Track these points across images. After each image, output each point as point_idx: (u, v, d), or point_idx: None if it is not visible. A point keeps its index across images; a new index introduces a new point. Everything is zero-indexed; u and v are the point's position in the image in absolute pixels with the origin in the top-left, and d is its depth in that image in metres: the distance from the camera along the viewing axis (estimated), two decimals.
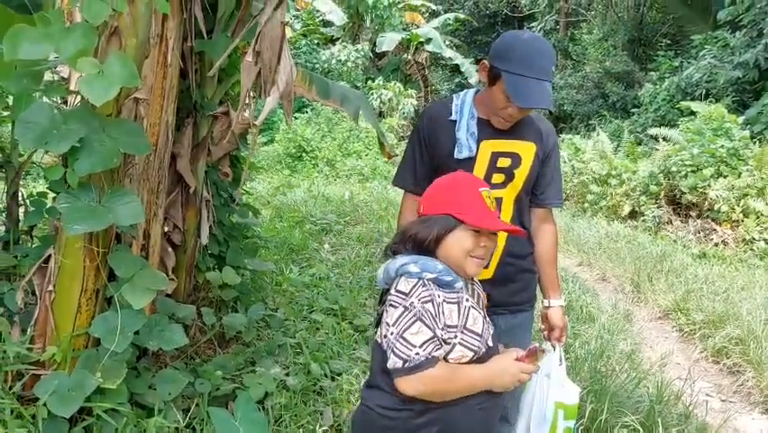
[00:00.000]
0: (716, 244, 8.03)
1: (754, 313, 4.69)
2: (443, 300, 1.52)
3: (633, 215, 9.87)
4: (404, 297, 1.51)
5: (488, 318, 1.68)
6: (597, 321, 4.77)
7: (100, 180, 2.30)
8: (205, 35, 2.94)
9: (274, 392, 3.05)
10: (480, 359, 1.57)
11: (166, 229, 3.30)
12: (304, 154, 13.91)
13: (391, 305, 1.53)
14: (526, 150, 2.11)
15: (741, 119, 9.89)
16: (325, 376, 3.37)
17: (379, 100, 18.41)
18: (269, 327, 3.86)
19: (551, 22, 23.38)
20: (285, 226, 6.82)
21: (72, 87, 2.77)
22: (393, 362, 1.48)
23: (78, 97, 2.42)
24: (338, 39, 20.57)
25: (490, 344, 1.62)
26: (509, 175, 2.10)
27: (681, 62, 15.12)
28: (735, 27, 13.15)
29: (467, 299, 1.58)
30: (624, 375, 3.70)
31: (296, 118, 15.59)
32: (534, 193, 2.20)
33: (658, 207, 9.28)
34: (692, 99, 12.48)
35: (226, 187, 3.75)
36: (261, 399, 2.99)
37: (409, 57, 21.18)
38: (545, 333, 2.26)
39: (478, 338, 1.56)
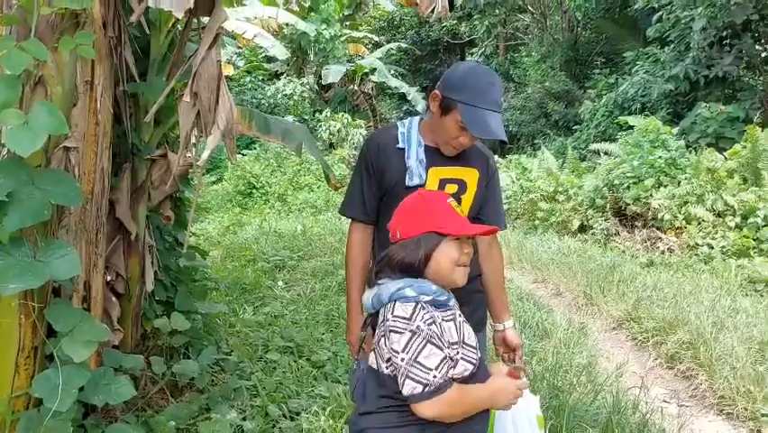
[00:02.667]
0: (662, 252, 8.26)
1: (702, 317, 4.82)
2: (443, 320, 1.57)
3: (582, 228, 10.08)
4: (407, 321, 1.53)
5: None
6: (553, 337, 4.82)
7: (33, 234, 2.23)
8: (137, 78, 2.91)
9: None
10: (477, 370, 1.62)
11: (108, 278, 3.21)
12: (254, 191, 13.80)
13: (394, 331, 1.54)
14: (471, 175, 2.15)
15: (676, 130, 10.30)
16: (284, 417, 3.30)
17: (328, 132, 18.48)
18: (223, 371, 3.77)
19: (491, 46, 24.01)
20: (236, 266, 6.71)
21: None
22: (411, 387, 1.50)
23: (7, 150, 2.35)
24: (283, 73, 20.64)
25: (479, 354, 1.68)
26: (456, 201, 2.12)
27: (617, 79, 15.69)
28: (663, 43, 13.77)
29: (459, 315, 1.65)
30: (581, 388, 3.75)
31: (243, 155, 15.47)
32: (480, 218, 2.23)
33: (605, 220, 9.52)
34: (629, 113, 12.94)
35: (170, 230, 3.67)
36: None
37: (356, 87, 21.39)
38: (505, 355, 2.28)
39: (474, 351, 1.62)
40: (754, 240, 7.47)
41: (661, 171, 9.00)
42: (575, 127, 16.49)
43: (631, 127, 10.77)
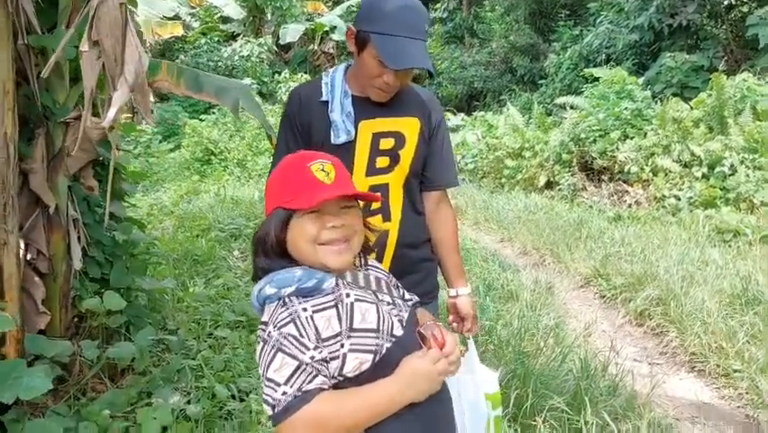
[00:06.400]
0: (629, 206, 8.17)
1: (671, 271, 4.69)
2: (312, 312, 1.22)
3: (549, 185, 9.95)
4: (264, 328, 1.24)
5: (393, 302, 1.37)
6: (519, 298, 4.64)
7: None
8: (40, 31, 2.55)
9: (173, 425, 2.72)
10: (385, 357, 1.26)
11: (29, 257, 2.90)
12: (212, 157, 13.28)
13: (258, 342, 1.25)
14: (410, 127, 1.86)
15: (641, 80, 10.14)
16: (233, 398, 3.06)
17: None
18: (169, 351, 3.50)
19: (454, 2, 23.50)
20: (188, 236, 6.35)
21: None
22: (266, 409, 1.19)
23: None
24: (239, 34, 19.92)
25: (398, 333, 1.30)
26: (394, 157, 1.84)
27: (581, 31, 15.49)
28: None
29: (347, 295, 1.28)
30: (549, 352, 3.57)
31: (201, 120, 14.90)
32: (426, 175, 1.95)
33: (572, 175, 9.39)
34: (595, 66, 12.77)
35: (99, 201, 3.34)
36: None
37: (316, 47, 20.78)
38: (455, 325, 2.03)
39: (373, 334, 1.25)
40: (721, 189, 7.39)
41: (627, 123, 8.85)
42: (540, 82, 16.31)
43: (596, 79, 10.59)
